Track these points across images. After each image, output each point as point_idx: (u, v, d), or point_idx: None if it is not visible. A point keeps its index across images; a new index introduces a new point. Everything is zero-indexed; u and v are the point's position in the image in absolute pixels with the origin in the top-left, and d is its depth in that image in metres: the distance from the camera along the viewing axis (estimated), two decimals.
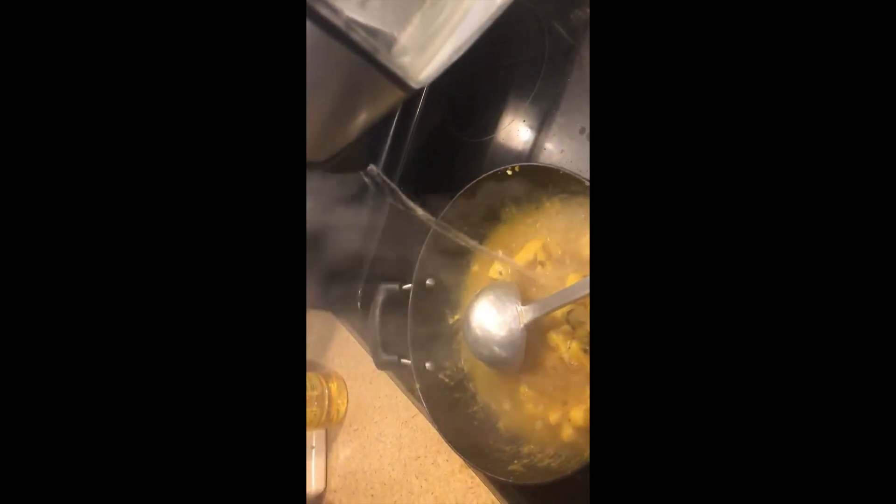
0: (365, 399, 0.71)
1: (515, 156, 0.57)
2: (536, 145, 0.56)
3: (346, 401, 0.74)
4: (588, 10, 0.55)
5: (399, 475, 0.63)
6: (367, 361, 0.71)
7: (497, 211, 0.50)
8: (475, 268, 0.53)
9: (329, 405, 0.72)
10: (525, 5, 0.59)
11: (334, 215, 0.71)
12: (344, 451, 0.71)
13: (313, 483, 0.72)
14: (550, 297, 0.45)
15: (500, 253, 0.50)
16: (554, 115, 0.55)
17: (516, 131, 0.58)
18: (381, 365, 0.53)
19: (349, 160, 0.36)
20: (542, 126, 0.56)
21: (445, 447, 0.58)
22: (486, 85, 0.62)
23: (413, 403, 0.63)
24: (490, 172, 0.46)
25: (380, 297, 0.53)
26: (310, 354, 0.80)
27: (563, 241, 0.46)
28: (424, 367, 0.50)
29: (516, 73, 0.60)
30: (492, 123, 0.60)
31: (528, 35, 0.59)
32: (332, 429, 0.74)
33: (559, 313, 0.44)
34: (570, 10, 0.57)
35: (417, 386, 0.49)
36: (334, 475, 0.72)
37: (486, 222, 0.51)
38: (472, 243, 0.45)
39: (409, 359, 0.51)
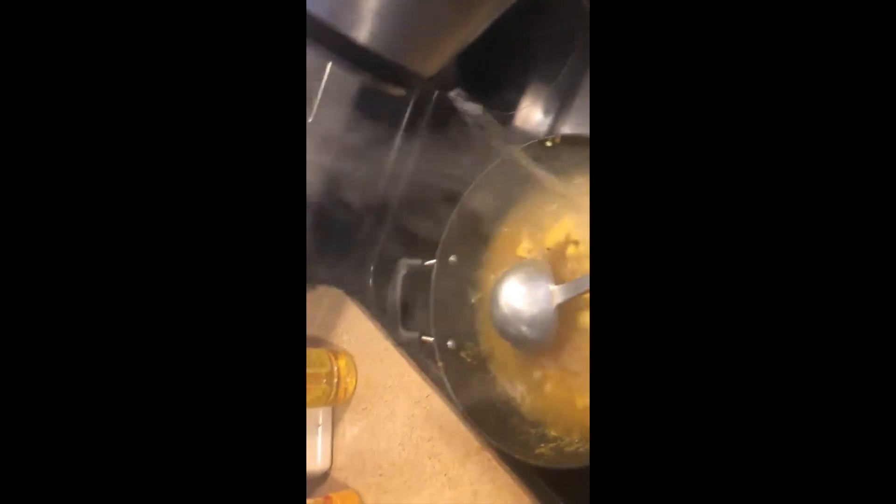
0: (375, 378, 0.69)
1: (543, 132, 0.55)
2: (568, 120, 0.54)
3: (354, 379, 0.72)
4: None
5: (410, 455, 0.62)
6: (378, 340, 0.70)
7: (529, 184, 0.49)
8: (500, 245, 0.51)
9: (337, 383, 0.71)
10: None
11: (348, 186, 0.69)
12: (351, 430, 0.70)
13: (318, 461, 0.70)
14: (585, 277, 0.43)
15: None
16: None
17: (545, 106, 0.56)
18: (400, 342, 0.51)
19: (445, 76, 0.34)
20: (572, 100, 0.54)
21: (461, 429, 0.57)
22: (516, 56, 0.60)
23: (427, 384, 0.61)
24: (526, 144, 0.44)
25: (401, 273, 0.51)
26: (318, 331, 0.78)
27: None
28: (446, 345, 0.49)
29: (545, 46, 0.58)
30: (519, 97, 0.58)
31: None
32: (339, 407, 0.72)
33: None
34: None
35: (440, 364, 0.47)
36: (340, 453, 0.71)
37: (512, 197, 0.49)
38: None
39: (429, 336, 0.50)
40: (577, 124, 0.51)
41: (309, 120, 0.57)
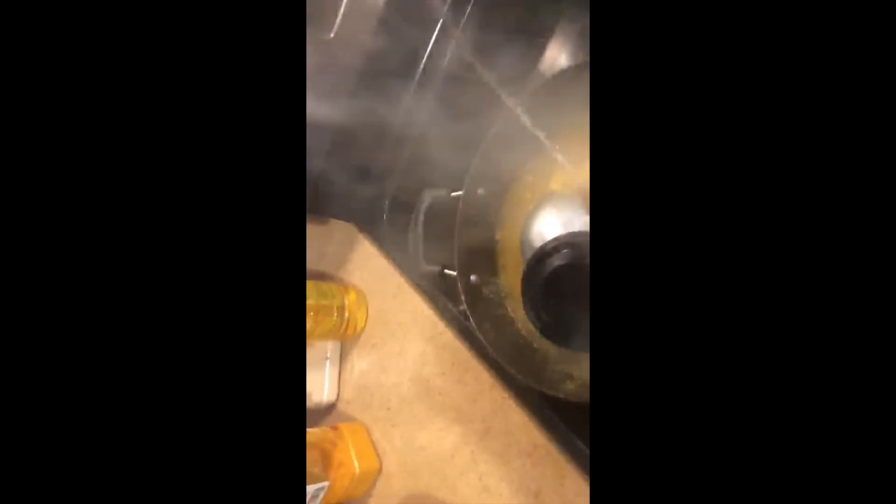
0: (386, 315, 0.68)
1: None
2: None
3: (365, 314, 0.71)
4: None
5: (420, 391, 0.61)
6: (391, 276, 0.68)
7: (564, 115, 0.46)
8: (532, 179, 0.49)
9: (347, 317, 0.70)
10: None
11: (364, 115, 0.66)
12: (359, 364, 0.70)
13: (325, 394, 0.70)
14: None
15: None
16: None
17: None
18: (422, 275, 0.49)
19: None
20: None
21: (473, 365, 0.56)
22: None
23: (440, 320, 0.61)
24: (576, 63, 0.41)
25: (424, 204, 0.49)
26: (329, 267, 0.77)
27: None
28: (470, 279, 0.47)
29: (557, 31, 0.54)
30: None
31: None
32: (348, 341, 0.72)
33: None
34: None
35: (463, 297, 0.46)
36: (347, 387, 0.71)
37: (551, 127, 0.47)
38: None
39: (452, 269, 0.48)
40: None
41: (331, 35, 0.54)
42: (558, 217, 0.44)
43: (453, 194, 0.49)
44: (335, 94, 0.59)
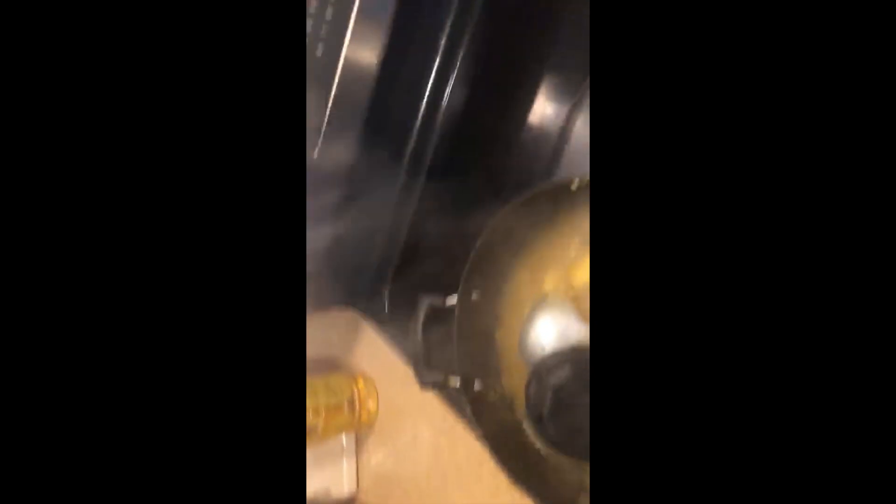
0: (397, 402, 0.68)
1: (554, 154, 0.53)
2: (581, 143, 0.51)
3: (376, 402, 0.71)
4: None
5: (438, 484, 0.61)
6: (398, 364, 0.68)
7: (552, 219, 0.46)
8: (524, 279, 0.49)
9: (359, 408, 0.70)
10: None
11: (360, 207, 0.67)
12: (375, 456, 0.70)
13: (345, 487, 0.70)
14: None
15: None
16: None
17: (563, 124, 0.53)
18: (424, 385, 0.49)
19: None
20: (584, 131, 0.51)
21: (489, 460, 0.56)
22: (527, 68, 0.57)
23: (452, 411, 0.60)
24: (550, 182, 0.41)
25: (421, 312, 0.50)
26: (336, 353, 0.77)
27: None
28: (473, 387, 0.47)
29: (562, 57, 0.55)
30: (535, 112, 0.55)
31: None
32: (362, 431, 0.71)
33: None
34: None
35: (469, 409, 0.46)
36: (365, 478, 0.71)
37: (539, 231, 0.47)
38: None
39: (455, 377, 0.48)
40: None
41: (314, 156, 0.55)
42: (554, 323, 0.44)
43: (448, 302, 0.49)
44: (321, 215, 0.60)
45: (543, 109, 0.56)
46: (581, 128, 0.53)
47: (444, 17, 0.62)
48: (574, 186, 0.41)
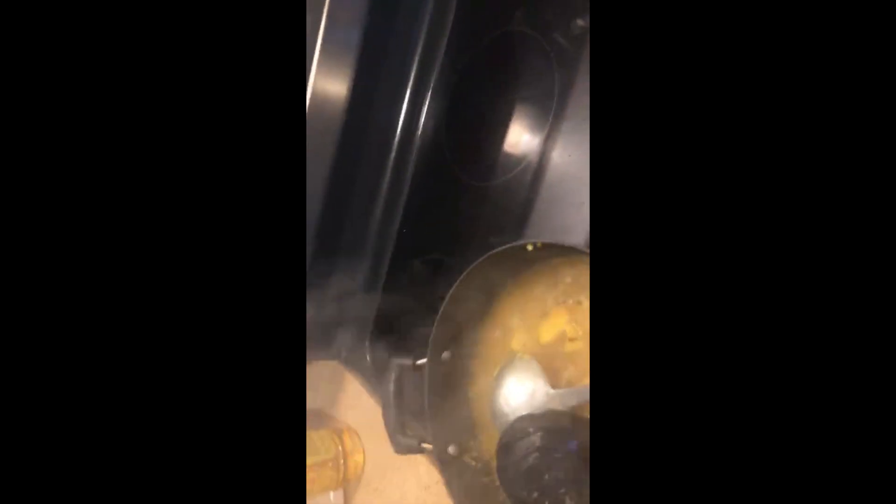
0: (383, 456, 0.67)
1: (526, 204, 0.52)
2: (551, 192, 0.51)
3: (362, 455, 0.70)
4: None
5: None
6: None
7: (516, 277, 0.46)
8: (493, 338, 0.48)
9: (345, 463, 0.68)
10: (526, 34, 0.53)
11: (334, 251, 0.66)
12: None
13: None
14: (585, 386, 0.40)
15: None
16: (570, 159, 0.50)
17: (526, 174, 0.53)
18: (400, 450, 0.48)
19: None
20: (556, 171, 0.51)
21: None
22: (491, 123, 0.56)
23: (437, 466, 0.59)
24: (507, 246, 0.41)
25: (392, 375, 0.49)
26: (320, 405, 0.76)
27: None
28: (447, 452, 0.46)
29: (524, 108, 0.55)
30: (499, 165, 0.55)
31: (533, 65, 0.53)
32: (350, 486, 0.70)
33: None
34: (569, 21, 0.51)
35: (444, 478, 0.45)
36: None
37: (502, 290, 0.46)
38: None
39: (429, 443, 0.47)
40: (569, 201, 0.48)
41: None
42: (522, 383, 0.43)
43: (418, 363, 0.48)
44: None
45: (517, 141, 0.56)
46: (557, 159, 0.52)
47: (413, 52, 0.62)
48: (530, 248, 0.40)
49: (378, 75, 0.62)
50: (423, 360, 0.48)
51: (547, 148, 0.52)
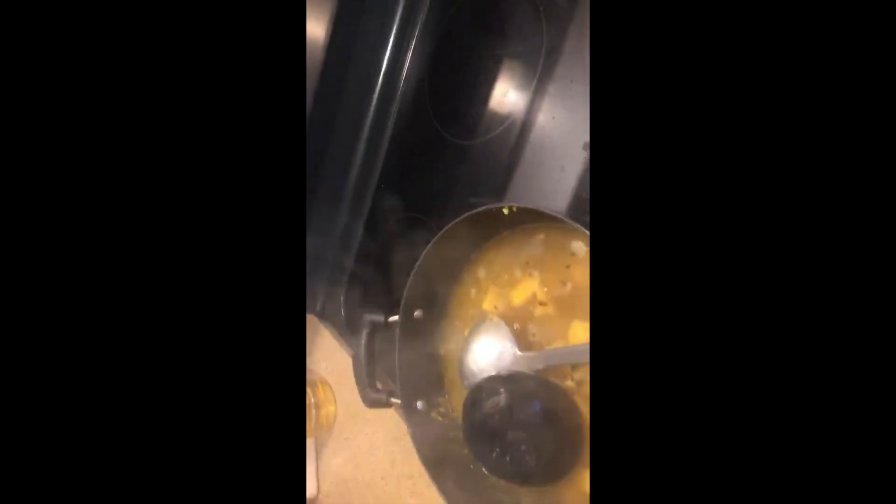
0: (354, 407, 0.68)
1: (507, 165, 0.51)
2: (533, 154, 0.50)
3: (334, 406, 0.71)
4: None
5: (393, 491, 0.62)
6: None
7: (492, 239, 0.45)
8: (466, 298, 0.48)
9: (317, 412, 0.70)
10: None
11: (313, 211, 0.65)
12: (335, 460, 0.70)
13: (308, 490, 0.71)
14: (552, 350, 0.41)
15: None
16: (554, 122, 0.49)
17: (509, 135, 0.52)
18: (369, 403, 0.49)
19: None
20: (540, 132, 0.50)
21: None
22: (475, 78, 0.55)
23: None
24: (484, 208, 0.40)
25: (364, 331, 0.49)
26: None
27: (564, 280, 0.42)
28: (415, 406, 0.47)
29: (511, 66, 0.53)
30: (482, 123, 0.54)
31: (522, 20, 0.51)
32: (322, 435, 0.72)
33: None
34: None
35: (409, 431, 0.46)
36: (326, 481, 0.71)
37: (477, 251, 0.46)
38: None
39: (396, 397, 0.48)
40: (550, 164, 0.47)
41: None
42: (491, 344, 0.44)
43: (390, 319, 0.48)
44: None
45: (502, 99, 0.54)
46: (542, 120, 0.51)
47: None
48: (506, 211, 0.39)
49: (360, 20, 0.59)
50: (395, 318, 0.48)
51: (532, 108, 0.51)
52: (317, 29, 0.56)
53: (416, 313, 0.48)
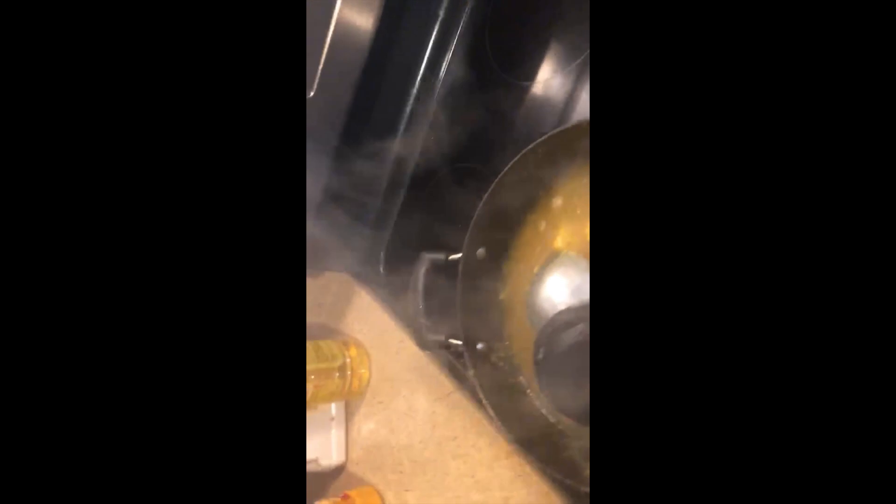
0: (390, 371, 0.65)
1: (566, 107, 0.49)
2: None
3: (368, 370, 0.68)
4: None
5: (432, 454, 0.58)
6: (392, 330, 0.65)
7: (565, 170, 0.43)
8: (534, 236, 0.46)
9: (350, 375, 0.67)
10: None
11: (353, 164, 0.63)
12: (367, 425, 0.67)
13: (333, 456, 0.68)
14: None
15: None
16: None
17: (571, 78, 0.50)
18: (425, 345, 0.47)
19: None
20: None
21: (488, 429, 0.53)
22: (534, 21, 0.53)
23: (448, 380, 0.58)
24: (557, 130, 0.38)
25: (422, 269, 0.46)
26: (327, 319, 0.73)
27: None
28: (476, 348, 0.45)
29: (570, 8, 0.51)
30: (540, 66, 0.52)
31: None
32: (353, 400, 0.68)
33: None
34: None
35: (471, 372, 0.43)
36: (356, 447, 0.68)
37: (551, 183, 0.44)
38: None
39: (457, 339, 0.45)
40: None
41: (310, 94, 0.51)
42: (565, 280, 0.41)
43: (451, 258, 0.46)
44: (319, 150, 0.57)
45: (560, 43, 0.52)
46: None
47: None
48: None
49: None
50: (457, 256, 0.45)
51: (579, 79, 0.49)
52: None
53: (480, 251, 0.46)
